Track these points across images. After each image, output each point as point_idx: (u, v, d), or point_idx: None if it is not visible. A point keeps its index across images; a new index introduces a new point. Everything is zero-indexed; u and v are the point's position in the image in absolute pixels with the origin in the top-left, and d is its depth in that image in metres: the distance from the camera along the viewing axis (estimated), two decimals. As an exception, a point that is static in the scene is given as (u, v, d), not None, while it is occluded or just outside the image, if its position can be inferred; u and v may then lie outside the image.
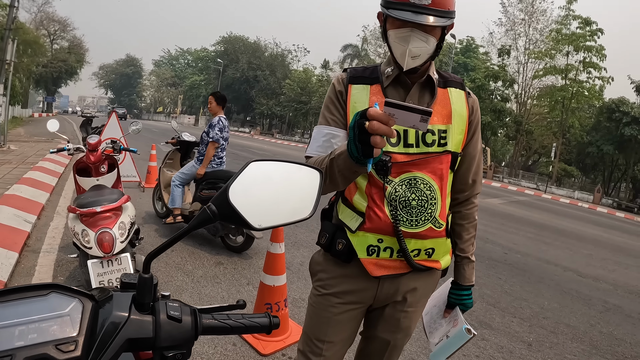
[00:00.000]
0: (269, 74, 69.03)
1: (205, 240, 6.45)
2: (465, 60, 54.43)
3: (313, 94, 61.02)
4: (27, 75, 50.45)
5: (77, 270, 4.86)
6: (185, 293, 4.58)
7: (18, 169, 10.63)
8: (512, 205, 19.16)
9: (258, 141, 43.83)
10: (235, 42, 75.27)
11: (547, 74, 44.47)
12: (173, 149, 7.42)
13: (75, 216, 3.79)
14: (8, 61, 15.59)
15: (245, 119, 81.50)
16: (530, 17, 46.67)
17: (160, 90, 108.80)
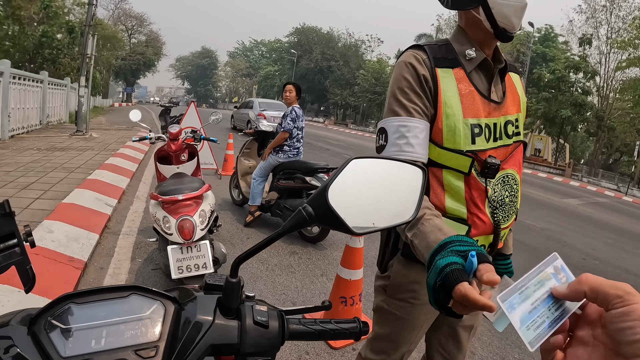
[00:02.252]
0: (342, 65, 69.00)
1: (282, 228, 6.45)
2: (544, 50, 51.63)
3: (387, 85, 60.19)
4: (107, 67, 53.33)
5: (154, 253, 5.05)
6: (259, 281, 4.62)
7: (100, 155, 11.11)
8: (591, 206, 18.11)
9: (332, 131, 43.85)
10: (308, 33, 75.75)
11: (631, 66, 41.00)
12: (251, 139, 7.45)
13: (157, 203, 3.89)
14: (89, 55, 16.41)
15: (319, 108, 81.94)
16: (611, 4, 42.96)
17: (235, 81, 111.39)
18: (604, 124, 41.34)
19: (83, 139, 14.68)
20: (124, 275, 4.54)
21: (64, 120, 22.32)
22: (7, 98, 13.05)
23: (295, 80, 63.09)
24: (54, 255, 4.47)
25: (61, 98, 22.08)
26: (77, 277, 4.28)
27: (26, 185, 7.35)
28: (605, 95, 44.17)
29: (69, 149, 11.89)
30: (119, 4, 68.87)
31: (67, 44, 26.97)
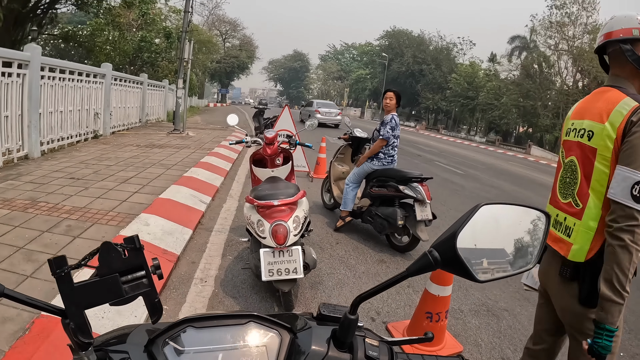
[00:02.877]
0: (434, 68, 67.93)
1: (370, 236, 6.40)
2: None
3: (480, 89, 58.47)
4: (203, 70, 55.75)
5: (245, 251, 5.17)
6: (345, 287, 4.58)
7: (195, 153, 11.53)
8: None
9: (423, 136, 43.35)
10: (399, 36, 75.14)
11: None
12: (345, 144, 7.44)
13: (252, 206, 3.96)
14: (186, 59, 17.24)
15: (410, 113, 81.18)
16: None
17: (327, 84, 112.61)
18: None
19: (180, 137, 15.32)
20: (214, 271, 4.66)
21: (162, 119, 23.51)
22: (109, 98, 14.22)
23: (386, 84, 62.73)
24: (149, 247, 4.68)
25: (159, 98, 23.37)
26: (170, 269, 4.47)
27: (126, 179, 7.78)
28: None
29: (167, 147, 12.41)
30: (213, 10, 72.62)
31: (165, 48, 28.46)
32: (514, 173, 20.36)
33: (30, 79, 9.16)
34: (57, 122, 10.63)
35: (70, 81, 11.21)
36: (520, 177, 18.73)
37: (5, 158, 8.46)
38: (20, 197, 6.26)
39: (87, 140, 12.50)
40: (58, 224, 5.20)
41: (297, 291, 4.25)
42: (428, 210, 5.59)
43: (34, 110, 9.31)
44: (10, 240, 4.61)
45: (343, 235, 6.37)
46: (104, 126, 13.81)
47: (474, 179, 14.74)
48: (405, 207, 5.74)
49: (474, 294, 4.85)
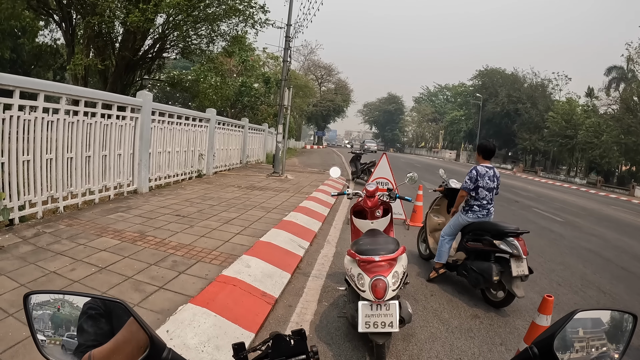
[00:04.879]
0: (530, 107, 65.82)
1: (464, 289, 6.33)
2: None
3: (579, 127, 55.54)
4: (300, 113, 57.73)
5: (340, 299, 5.26)
6: (437, 342, 4.55)
7: (294, 197, 11.88)
8: None
9: (520, 179, 42.04)
10: (492, 75, 73.77)
11: None
12: (440, 196, 7.48)
13: (353, 260, 4.07)
14: (285, 106, 18.01)
15: (507, 154, 79.11)
16: None
17: (422, 126, 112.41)
18: None
19: (279, 180, 15.93)
20: (310, 315, 4.78)
21: (261, 161, 24.55)
22: (213, 140, 15.24)
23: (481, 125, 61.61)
24: (249, 289, 4.94)
25: (259, 141, 24.54)
26: (267, 311, 4.65)
27: (228, 220, 8.19)
28: None
29: (267, 189, 12.92)
30: (308, 55, 75.17)
31: (264, 92, 29.76)
32: (617, 219, 19.26)
33: (142, 122, 10.09)
34: (165, 161, 11.59)
35: (177, 124, 12.13)
36: (624, 224, 17.68)
37: (116, 191, 9.44)
38: (130, 229, 6.82)
39: (191, 178, 13.33)
40: (165, 259, 5.61)
41: (390, 343, 4.29)
42: (524, 265, 5.47)
43: (145, 150, 10.17)
44: (120, 269, 5.04)
45: (437, 287, 6.33)
46: (207, 166, 14.67)
47: (574, 227, 14.10)
48: (501, 262, 5.65)
49: None
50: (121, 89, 18.10)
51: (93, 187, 8.58)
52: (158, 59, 21.57)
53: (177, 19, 17.99)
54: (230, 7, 18.55)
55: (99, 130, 8.57)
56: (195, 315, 4.05)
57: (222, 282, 4.94)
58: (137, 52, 19.30)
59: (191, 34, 19.88)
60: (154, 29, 18.39)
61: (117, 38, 19.72)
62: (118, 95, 9.85)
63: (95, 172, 8.62)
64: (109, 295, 3.56)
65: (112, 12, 16.76)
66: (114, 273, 4.90)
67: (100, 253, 5.55)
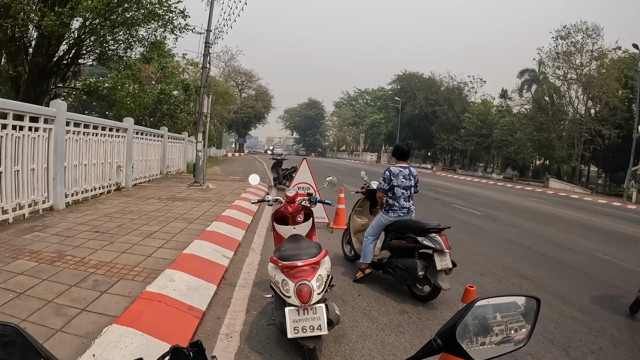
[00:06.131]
0: (447, 109, 68.51)
1: (391, 286, 6.43)
2: None
3: (494, 126, 58.90)
4: (221, 120, 57.25)
5: (268, 307, 5.22)
6: (368, 340, 4.60)
7: (217, 206, 11.69)
8: None
9: (440, 177, 43.44)
10: (410, 79, 76.42)
11: None
12: (363, 197, 7.58)
13: (276, 266, 4.06)
14: (205, 113, 17.81)
15: (426, 154, 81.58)
16: None
17: (342, 130, 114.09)
18: None
19: (200, 190, 15.61)
20: (239, 326, 4.72)
21: (182, 170, 24.05)
22: (131, 151, 14.74)
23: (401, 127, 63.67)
24: (175, 304, 4.80)
25: (179, 150, 24.04)
26: (195, 325, 4.54)
27: (149, 233, 7.95)
28: None
29: (188, 199, 12.66)
30: (229, 62, 74.62)
31: (183, 100, 29.20)
32: (534, 209, 20.40)
33: (56, 133, 9.62)
34: (82, 175, 11.07)
35: (94, 135, 11.65)
36: (540, 213, 18.77)
37: (31, 209, 8.84)
38: (47, 249, 6.47)
39: (109, 192, 12.86)
40: (85, 279, 5.35)
41: (321, 345, 4.30)
42: (448, 259, 5.66)
43: (59, 163, 9.72)
44: (39, 293, 4.77)
45: (364, 286, 6.41)
46: (126, 178, 14.20)
47: (494, 220, 14.78)
48: (425, 257, 5.81)
49: None
50: (34, 98, 17.09)
51: (6, 205, 8.00)
52: (73, 65, 20.58)
53: (94, 23, 17.25)
54: (149, 11, 18.01)
55: (10, 143, 8.02)
56: (121, 336, 3.90)
57: (147, 299, 4.78)
58: (52, 58, 18.32)
59: (108, 39, 19.06)
60: (70, 33, 17.53)
61: (31, 43, 18.65)
62: (30, 105, 9.29)
63: (8, 190, 8.05)
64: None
65: (27, 15, 15.83)
66: (33, 298, 4.62)
67: (17, 277, 5.22)
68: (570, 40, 48.46)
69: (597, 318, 6.05)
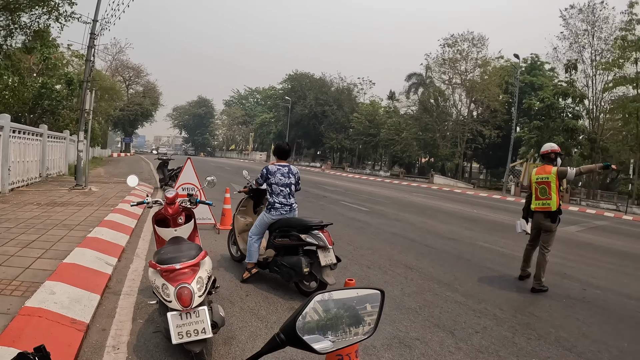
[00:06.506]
0: (336, 109, 70.13)
1: (279, 284, 6.53)
2: (531, 79, 53.01)
3: (381, 126, 61.51)
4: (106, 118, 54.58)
5: (155, 313, 5.06)
6: (258, 340, 4.64)
7: (99, 211, 11.14)
8: (590, 232, 18.08)
9: (329, 176, 44.17)
10: (301, 79, 77.38)
11: (618, 85, 41.67)
12: (246, 197, 7.61)
13: (156, 270, 3.99)
14: (87, 110, 16.65)
15: (315, 153, 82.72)
16: (592, 27, 43.54)
17: (232, 129, 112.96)
18: (597, 145, 42.19)
19: (82, 193, 14.74)
20: (126, 337, 4.57)
21: (64, 173, 22.55)
22: (7, 152, 13.35)
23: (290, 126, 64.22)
24: (57, 318, 4.53)
25: (60, 150, 22.41)
26: (80, 339, 4.31)
27: (27, 243, 7.40)
28: (595, 117, 45.00)
29: (69, 204, 11.98)
30: (117, 55, 70.59)
31: (66, 95, 27.37)
32: (419, 204, 21.44)
33: None
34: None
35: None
36: (425, 208, 19.80)
37: None
38: None
39: (-19, 200, 11.88)
40: (-42, 296, 4.95)
41: (211, 349, 4.30)
42: (331, 254, 5.87)
43: None
44: None
45: (252, 286, 6.45)
46: (2, 183, 13.10)
47: (380, 215, 15.34)
48: (310, 254, 5.99)
49: (385, 329, 5.08)
50: None
51: None
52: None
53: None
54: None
55: None
56: (1, 358, 3.69)
57: (27, 314, 4.47)
58: None
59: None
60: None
61: None
62: None
63: None
64: None
65: None
66: None
67: None
68: (457, 48, 52.52)
69: (480, 300, 6.60)
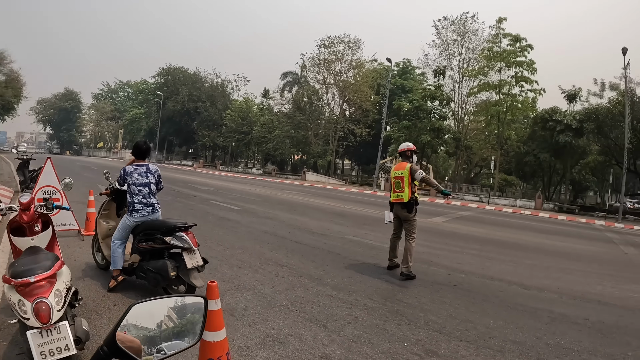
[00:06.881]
0: (209, 105, 69.14)
1: (148, 292, 6.23)
2: (402, 82, 56.43)
3: (254, 124, 61.77)
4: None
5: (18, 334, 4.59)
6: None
7: (-47, 221, 9.96)
8: (455, 222, 19.49)
9: (201, 174, 43.51)
10: (175, 74, 75.20)
11: (482, 91, 47.02)
12: (108, 199, 7.20)
13: (11, 285, 3.64)
14: None
15: (187, 151, 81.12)
16: (462, 38, 49.74)
17: (100, 125, 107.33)
18: (462, 143, 47.34)
19: None
20: (-12, 362, 4.14)
21: None
22: None
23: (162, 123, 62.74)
24: None
25: None
26: None
27: None
28: (460, 119, 51.05)
29: None
30: None
31: None
32: (290, 201, 21.71)
33: None
34: None
35: None
36: (296, 205, 20.07)
37: None
38: None
39: None
40: None
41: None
42: (197, 256, 5.75)
43: None
44: None
45: (120, 295, 6.11)
46: None
47: (251, 213, 15.33)
48: (175, 257, 5.80)
49: (258, 328, 5.06)
50: None
51: None
52: None
53: None
54: None
55: None
56: None
57: None
58: None
59: None
60: None
61: None
62: None
63: None
64: None
65: None
66: None
67: None
68: (333, 50, 54.39)
69: (351, 292, 6.80)
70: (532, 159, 42.16)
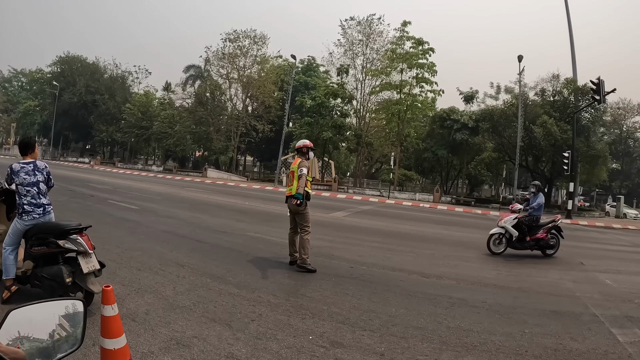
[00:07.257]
0: (108, 98, 66.14)
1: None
2: (306, 79, 57.15)
3: (154, 118, 60.01)
4: None
5: None
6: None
7: None
8: (357, 216, 20.12)
9: (99, 172, 41.86)
10: (72, 63, 70.89)
11: (384, 90, 48.42)
12: None
13: None
14: None
15: (84, 147, 77.60)
16: (367, 38, 51.01)
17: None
18: (363, 140, 48.29)
19: None
20: None
21: None
22: None
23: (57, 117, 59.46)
24: None
25: None
26: None
27: None
28: (362, 116, 52.55)
29: None
30: None
31: None
32: (191, 199, 21.59)
33: None
34: None
35: None
36: (197, 202, 20.00)
37: None
38: None
39: None
40: None
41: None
42: (94, 260, 5.48)
43: None
44: None
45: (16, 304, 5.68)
46: None
47: (150, 213, 15.08)
48: (71, 262, 5.47)
49: (160, 331, 4.94)
50: None
51: None
52: None
53: None
54: None
55: None
56: None
57: None
58: None
59: None
60: None
61: None
62: None
63: None
64: None
65: None
66: None
67: None
68: (238, 44, 53.92)
69: (254, 289, 6.88)
70: (430, 155, 43.87)
